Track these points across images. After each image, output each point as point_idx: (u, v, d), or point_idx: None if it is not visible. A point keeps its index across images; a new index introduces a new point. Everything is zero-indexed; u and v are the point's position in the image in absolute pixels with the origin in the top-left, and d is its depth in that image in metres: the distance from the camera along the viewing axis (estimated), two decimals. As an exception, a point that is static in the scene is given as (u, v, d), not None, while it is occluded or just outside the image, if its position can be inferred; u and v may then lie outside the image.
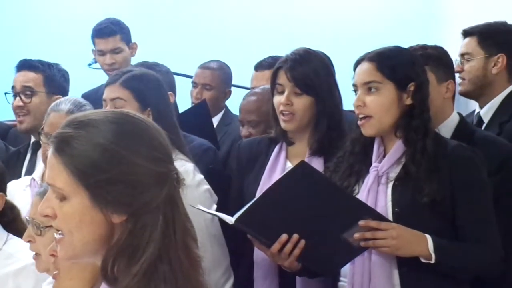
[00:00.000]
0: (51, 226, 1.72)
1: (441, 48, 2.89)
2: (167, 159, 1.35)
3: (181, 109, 3.36)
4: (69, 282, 1.85)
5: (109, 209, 1.29)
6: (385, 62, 2.34)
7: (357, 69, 2.38)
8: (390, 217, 2.29)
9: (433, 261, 2.20)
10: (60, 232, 1.34)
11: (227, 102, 4.06)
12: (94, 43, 4.08)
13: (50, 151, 1.33)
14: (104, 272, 1.31)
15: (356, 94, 2.37)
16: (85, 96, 3.53)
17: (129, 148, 1.30)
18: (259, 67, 3.70)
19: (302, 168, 2.31)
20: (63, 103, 2.80)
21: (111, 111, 1.43)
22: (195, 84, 3.88)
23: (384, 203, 2.29)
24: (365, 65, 2.35)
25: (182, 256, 1.33)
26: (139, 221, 1.29)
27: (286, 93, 2.51)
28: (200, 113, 3.42)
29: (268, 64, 3.46)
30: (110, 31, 4.02)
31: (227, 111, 3.93)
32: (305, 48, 2.62)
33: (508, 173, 2.59)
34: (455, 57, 3.14)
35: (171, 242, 1.31)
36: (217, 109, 3.87)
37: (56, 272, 1.93)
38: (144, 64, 3.12)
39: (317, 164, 2.55)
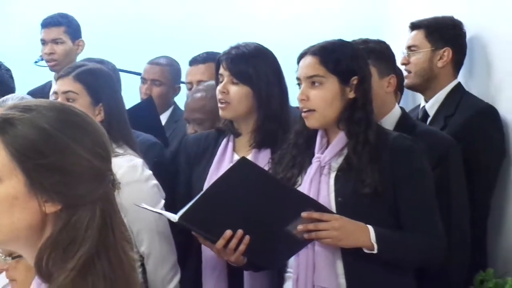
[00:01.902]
0: None
1: (383, 42, 2.93)
2: (107, 157, 1.34)
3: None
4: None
5: (44, 197, 1.26)
6: (328, 56, 2.35)
7: (301, 63, 2.39)
8: (333, 207, 2.31)
9: (375, 251, 2.21)
10: None
11: (176, 99, 4.05)
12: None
13: None
14: (38, 266, 1.28)
15: (299, 88, 2.37)
16: (32, 93, 3.50)
17: (73, 137, 1.29)
18: (193, 62, 3.72)
19: (243, 164, 2.33)
20: (10, 99, 2.76)
21: (58, 102, 1.42)
22: (144, 80, 3.86)
23: (326, 193, 2.30)
24: (308, 59, 2.36)
25: (122, 256, 1.32)
26: (74, 214, 1.27)
27: (224, 81, 2.55)
28: (147, 109, 3.41)
29: (202, 59, 3.50)
30: (55, 22, 3.99)
31: (176, 108, 3.91)
32: (248, 42, 2.64)
33: (447, 167, 2.61)
34: (399, 52, 3.18)
35: (110, 240, 1.30)
36: (166, 105, 3.86)
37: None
38: (90, 61, 3.07)
39: (264, 156, 2.57)
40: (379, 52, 2.78)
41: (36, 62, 3.99)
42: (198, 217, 2.29)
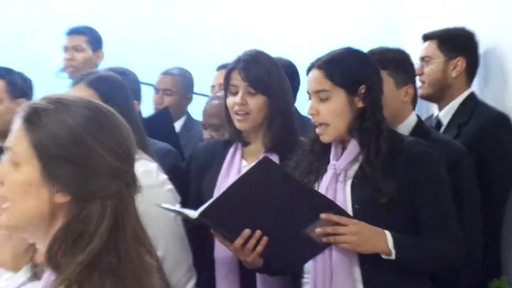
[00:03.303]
0: None
1: (403, 52, 2.89)
2: (126, 158, 1.35)
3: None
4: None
5: (56, 187, 1.29)
6: (334, 69, 2.33)
7: (309, 76, 2.38)
8: (350, 213, 2.26)
9: (393, 257, 2.18)
10: (6, 203, 1.32)
11: (189, 109, 4.05)
12: None
13: (18, 117, 1.33)
14: (49, 255, 1.30)
15: (309, 99, 2.36)
16: None
17: (94, 134, 1.30)
18: (221, 67, 3.67)
19: (265, 163, 2.29)
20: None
21: (89, 99, 1.42)
22: (156, 90, 3.88)
23: (343, 200, 2.27)
24: (314, 73, 2.35)
25: (134, 257, 1.32)
26: (84, 207, 1.29)
27: (240, 93, 2.50)
28: (163, 119, 3.41)
29: None
30: (78, 30, 4.06)
31: (189, 117, 3.91)
32: (256, 49, 2.62)
33: (459, 175, 2.56)
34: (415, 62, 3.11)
35: (120, 239, 1.31)
36: (179, 115, 3.86)
37: None
38: (112, 70, 3.09)
39: None
40: (397, 61, 2.76)
41: (56, 73, 4.04)
42: (218, 215, 2.27)
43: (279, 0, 5.08)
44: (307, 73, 2.38)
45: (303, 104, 2.60)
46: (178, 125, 3.79)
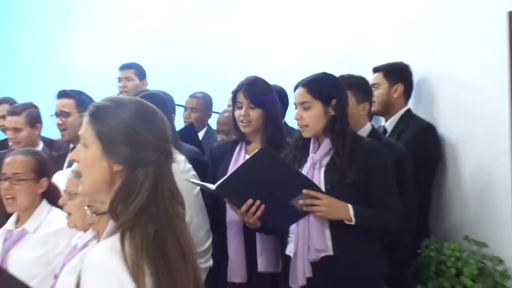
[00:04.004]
0: (77, 193, 1.89)
1: (364, 78, 2.84)
2: (164, 138, 1.35)
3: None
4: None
5: (112, 159, 1.29)
6: (314, 87, 2.28)
7: (295, 92, 2.33)
8: (323, 191, 2.20)
9: (353, 223, 2.15)
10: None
11: (209, 122, 3.97)
12: None
13: (87, 113, 1.34)
14: (110, 209, 1.31)
15: (295, 109, 2.33)
16: None
17: (140, 123, 1.31)
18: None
19: (264, 151, 2.26)
20: None
21: (137, 99, 1.43)
22: (185, 108, 3.80)
23: (318, 182, 2.22)
24: (300, 89, 2.30)
25: (168, 207, 1.32)
26: (133, 173, 1.29)
27: (244, 107, 2.46)
28: (190, 131, 3.36)
29: None
30: (127, 66, 4.01)
31: (209, 128, 3.83)
32: (254, 75, 2.57)
33: (402, 168, 2.52)
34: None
35: (159, 195, 1.30)
36: (202, 126, 3.78)
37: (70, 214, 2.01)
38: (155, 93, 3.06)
39: None
40: (359, 85, 2.71)
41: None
42: (230, 188, 2.23)
43: (274, 36, 5.03)
44: (294, 90, 2.34)
45: (291, 117, 2.56)
46: (201, 134, 3.72)
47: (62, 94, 3.01)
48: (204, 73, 4.85)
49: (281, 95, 2.85)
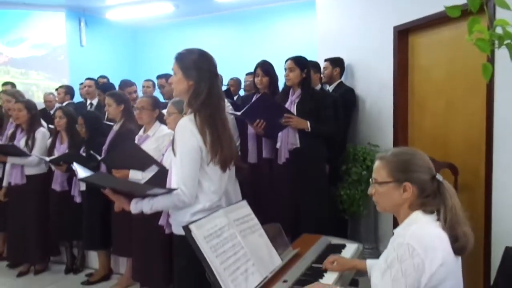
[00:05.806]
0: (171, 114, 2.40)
1: (317, 62, 4.08)
2: (214, 66, 1.63)
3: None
4: None
5: (185, 79, 1.57)
6: (296, 60, 3.16)
7: (286, 63, 3.18)
8: (295, 115, 3.09)
9: (309, 130, 3.07)
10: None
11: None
12: None
13: (174, 57, 1.61)
14: (188, 103, 1.63)
15: (285, 72, 3.16)
16: None
17: (202, 60, 1.55)
18: (248, 74, 5.09)
19: (265, 95, 3.11)
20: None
21: (202, 50, 1.67)
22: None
23: (293, 111, 3.12)
24: (289, 62, 3.16)
25: (217, 102, 1.59)
26: (199, 85, 1.59)
27: (259, 76, 3.36)
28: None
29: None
30: (164, 76, 4.73)
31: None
32: (263, 60, 3.42)
33: (335, 107, 3.27)
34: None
35: (213, 95, 1.60)
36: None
37: None
38: None
39: None
40: (314, 65, 3.83)
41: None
42: (248, 114, 3.00)
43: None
44: (285, 62, 3.23)
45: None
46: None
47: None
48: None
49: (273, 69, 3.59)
